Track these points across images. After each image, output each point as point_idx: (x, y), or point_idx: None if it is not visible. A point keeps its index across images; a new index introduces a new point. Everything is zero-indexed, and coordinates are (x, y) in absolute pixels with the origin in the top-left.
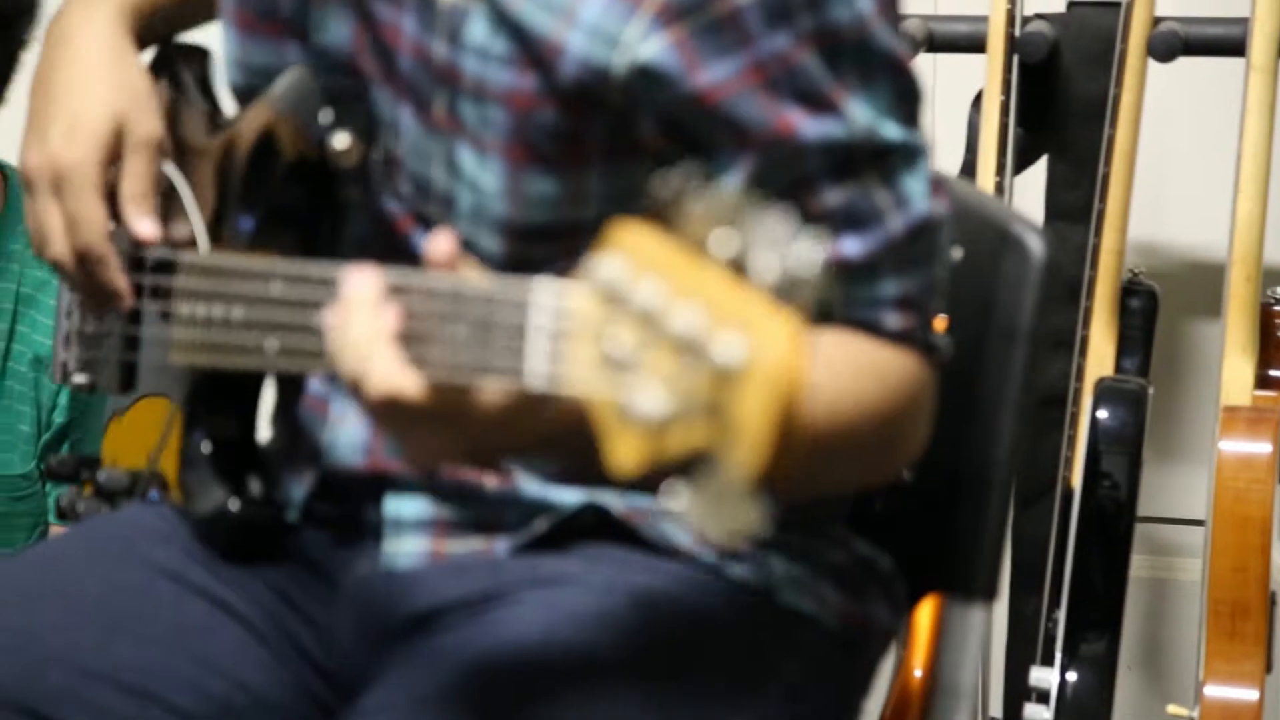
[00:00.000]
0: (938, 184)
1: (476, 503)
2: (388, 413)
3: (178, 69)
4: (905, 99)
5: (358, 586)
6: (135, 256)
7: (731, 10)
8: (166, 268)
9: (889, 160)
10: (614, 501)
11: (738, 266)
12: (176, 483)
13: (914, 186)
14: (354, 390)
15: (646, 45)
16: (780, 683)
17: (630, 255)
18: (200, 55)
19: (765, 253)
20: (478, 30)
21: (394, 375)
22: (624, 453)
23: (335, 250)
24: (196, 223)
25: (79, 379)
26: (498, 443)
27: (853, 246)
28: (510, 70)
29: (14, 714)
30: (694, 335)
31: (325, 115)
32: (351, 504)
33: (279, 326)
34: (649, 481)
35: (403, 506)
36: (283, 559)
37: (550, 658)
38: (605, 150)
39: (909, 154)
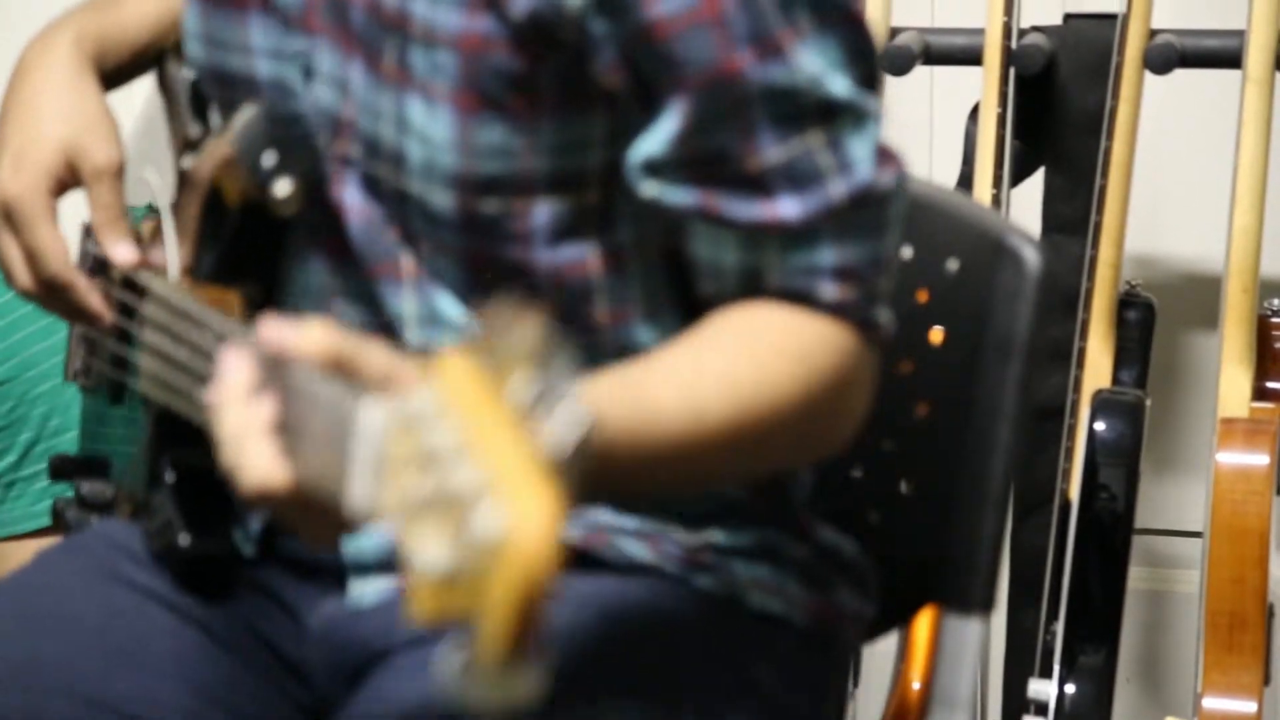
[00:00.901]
0: (888, 154)
1: None
2: (263, 505)
3: (173, 84)
4: (859, 57)
5: (326, 625)
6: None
7: None
8: (137, 290)
9: (835, 119)
10: (569, 531)
11: (528, 415)
12: (140, 506)
13: (859, 151)
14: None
15: None
16: (756, 690)
17: (443, 387)
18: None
19: (549, 408)
20: None
21: (262, 471)
22: (415, 601)
23: (293, 283)
24: (170, 249)
25: (81, 382)
26: None
27: (790, 208)
28: (460, 12)
29: None
30: (469, 495)
31: (269, 158)
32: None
33: (208, 380)
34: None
35: (363, 545)
36: (246, 594)
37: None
38: (557, 98)
39: (857, 115)
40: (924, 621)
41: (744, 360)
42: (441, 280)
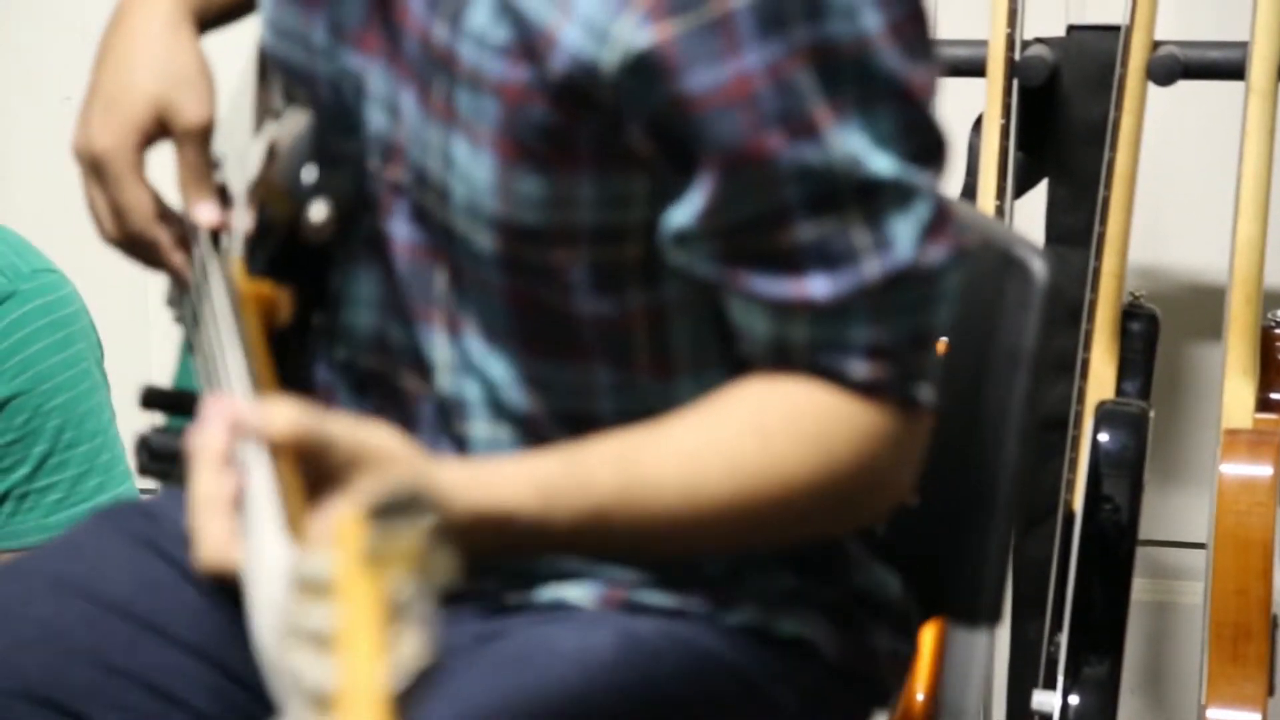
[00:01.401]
0: (942, 229)
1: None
2: (214, 577)
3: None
4: (911, 132)
5: None
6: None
7: (725, 14)
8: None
9: (876, 197)
10: (584, 593)
11: (395, 620)
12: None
13: (901, 229)
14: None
15: (635, 41)
16: (779, 714)
17: (337, 559)
18: None
19: (416, 625)
20: (479, 16)
21: (216, 550)
22: None
23: (346, 289)
24: (234, 224)
25: (174, 314)
26: None
27: (820, 286)
28: (504, 60)
29: (39, 707)
30: (321, 698)
31: (309, 174)
32: None
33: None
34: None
35: None
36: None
37: (549, 699)
38: (595, 155)
39: (902, 193)
40: (929, 633)
41: (753, 440)
42: (480, 319)
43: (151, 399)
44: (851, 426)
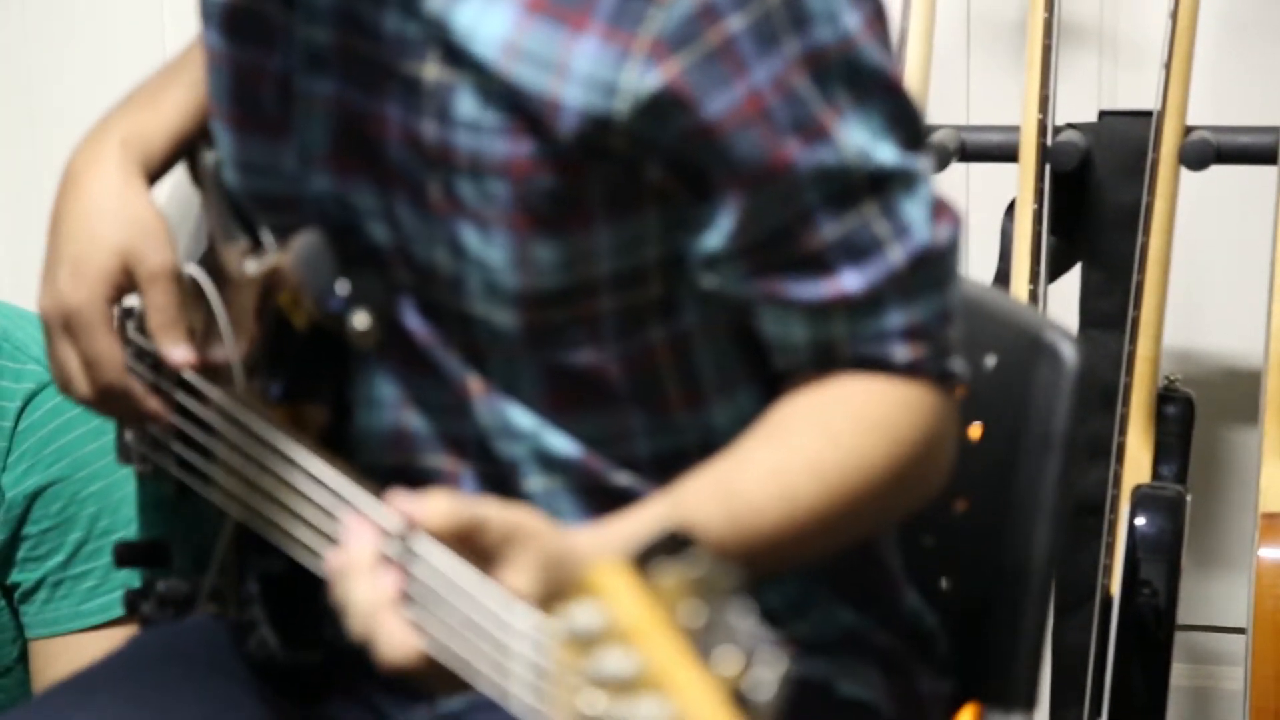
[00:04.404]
0: (941, 206)
1: None
2: (398, 674)
3: (206, 174)
4: (901, 121)
5: None
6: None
7: (724, 40)
8: (197, 395)
9: (887, 187)
10: None
11: (699, 643)
12: (229, 609)
13: (914, 213)
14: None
15: (644, 85)
16: None
17: (606, 606)
18: None
19: (730, 645)
20: (466, 104)
21: (398, 646)
22: None
23: (361, 395)
24: (232, 355)
25: (139, 468)
26: None
27: (853, 280)
28: (505, 139)
29: None
30: None
31: (342, 288)
32: None
33: (302, 521)
34: None
35: None
36: (337, 696)
37: None
38: (607, 204)
39: (908, 179)
40: (965, 718)
41: (827, 441)
42: (512, 391)
43: (126, 556)
44: (906, 407)
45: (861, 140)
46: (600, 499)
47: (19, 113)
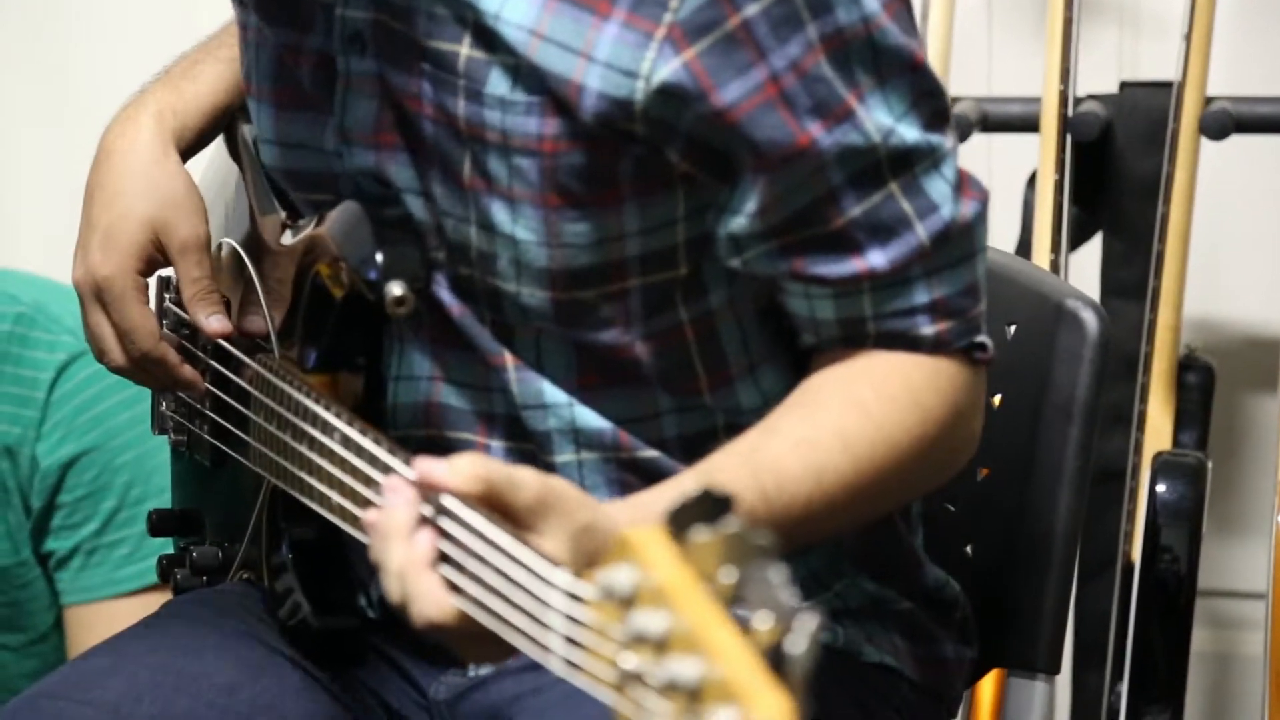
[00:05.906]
0: (966, 182)
1: None
2: (434, 634)
3: (245, 148)
4: (925, 98)
5: (449, 695)
6: (212, 346)
7: (742, 25)
8: (234, 363)
9: (911, 164)
10: None
11: (733, 603)
12: (262, 577)
13: (938, 190)
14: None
15: (663, 70)
16: None
17: (642, 567)
18: None
19: (762, 606)
20: (498, 83)
21: (433, 606)
22: None
23: (395, 368)
24: (268, 324)
25: (173, 439)
26: None
27: (879, 258)
28: (535, 117)
29: None
30: (692, 689)
31: (379, 259)
32: None
33: (338, 484)
34: None
35: None
36: (370, 661)
37: None
38: (636, 185)
39: (932, 156)
40: (989, 683)
41: (856, 414)
42: (540, 366)
43: (161, 524)
44: (934, 381)
45: (884, 119)
46: (631, 474)
47: (52, 89)
